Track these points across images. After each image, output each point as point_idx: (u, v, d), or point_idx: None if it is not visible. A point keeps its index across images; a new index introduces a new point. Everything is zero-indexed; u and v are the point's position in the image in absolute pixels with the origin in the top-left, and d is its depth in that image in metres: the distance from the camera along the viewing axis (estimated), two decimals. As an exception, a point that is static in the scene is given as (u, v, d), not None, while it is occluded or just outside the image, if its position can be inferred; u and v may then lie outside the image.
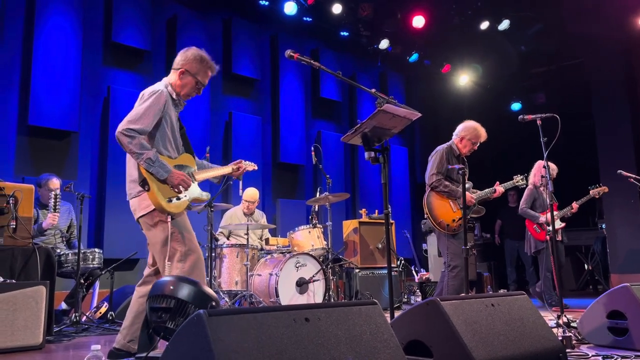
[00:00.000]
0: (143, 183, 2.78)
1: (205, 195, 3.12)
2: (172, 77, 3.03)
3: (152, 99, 2.83)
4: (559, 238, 6.05)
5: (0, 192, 3.83)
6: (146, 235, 2.92)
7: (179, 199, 2.86)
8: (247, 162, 3.42)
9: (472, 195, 4.48)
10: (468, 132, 4.54)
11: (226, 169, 3.30)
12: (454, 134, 4.63)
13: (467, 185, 4.54)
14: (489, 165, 9.16)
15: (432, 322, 2.12)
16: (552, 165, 6.12)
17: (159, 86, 2.95)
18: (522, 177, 4.82)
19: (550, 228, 5.88)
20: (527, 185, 4.99)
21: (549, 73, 9.66)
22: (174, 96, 2.99)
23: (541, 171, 6.13)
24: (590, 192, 6.09)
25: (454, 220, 4.39)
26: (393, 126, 2.85)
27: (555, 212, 5.99)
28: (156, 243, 2.84)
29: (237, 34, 7.44)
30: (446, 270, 4.36)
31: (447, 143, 4.60)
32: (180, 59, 3.03)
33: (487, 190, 4.63)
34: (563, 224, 6.04)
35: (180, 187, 2.83)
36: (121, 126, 2.73)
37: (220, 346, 1.46)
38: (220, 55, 7.39)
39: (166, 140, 2.92)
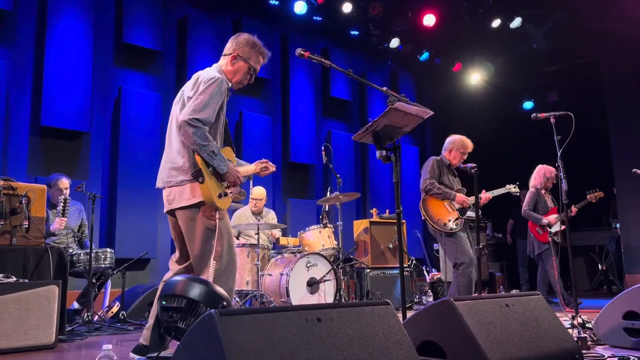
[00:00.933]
0: (197, 174, 2.64)
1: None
2: (223, 62, 2.93)
3: (215, 87, 2.70)
4: (558, 240, 6.03)
5: (13, 193, 3.85)
6: (182, 228, 2.76)
7: (226, 194, 2.75)
8: (270, 163, 3.35)
9: (468, 198, 4.65)
10: (455, 144, 4.82)
11: (254, 168, 3.21)
12: (444, 147, 4.91)
13: (461, 191, 4.78)
14: (500, 164, 9.07)
15: (446, 323, 2.09)
16: (552, 168, 6.09)
17: (214, 72, 2.82)
18: (514, 185, 5.00)
19: (551, 230, 5.91)
20: (518, 194, 5.08)
21: (561, 71, 9.56)
22: (229, 85, 2.89)
23: (545, 174, 6.14)
24: (588, 197, 6.15)
25: (450, 220, 4.55)
26: (405, 124, 2.83)
27: (555, 215, 5.96)
28: (195, 237, 2.70)
29: (247, 33, 7.43)
30: (454, 269, 4.44)
31: (438, 156, 4.90)
32: (231, 44, 2.95)
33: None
34: (563, 227, 6.00)
35: (232, 183, 2.76)
36: (186, 114, 2.61)
37: (232, 346, 1.45)
38: (231, 55, 7.39)
39: (217, 132, 2.81)
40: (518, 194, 5.10)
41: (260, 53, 2.96)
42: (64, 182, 4.93)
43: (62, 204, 4.56)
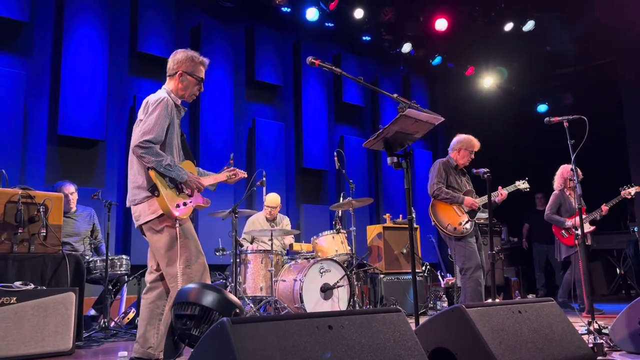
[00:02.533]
0: (153, 189, 2.84)
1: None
2: (171, 83, 3.09)
3: (160, 108, 2.89)
4: (588, 242, 5.91)
5: (31, 201, 3.93)
6: (150, 241, 2.97)
7: (185, 205, 2.91)
8: (240, 169, 3.44)
9: (477, 200, 4.61)
10: (463, 143, 4.79)
11: (221, 177, 3.33)
12: (450, 148, 4.89)
13: (469, 192, 4.75)
14: (515, 168, 9.00)
15: (457, 330, 2.09)
16: (570, 167, 5.99)
17: (162, 94, 3.00)
18: (523, 181, 4.91)
19: (578, 232, 5.78)
20: (528, 190, 4.96)
21: (576, 73, 9.47)
22: (178, 102, 3.06)
23: (562, 175, 6.03)
24: (622, 192, 5.87)
25: (460, 224, 4.52)
26: (415, 131, 2.83)
27: (584, 216, 5.86)
28: (160, 248, 2.88)
29: (260, 41, 7.50)
30: (461, 275, 4.44)
31: (444, 157, 4.87)
32: (172, 64, 3.09)
33: (491, 194, 4.67)
34: (592, 228, 5.90)
35: (195, 190, 2.96)
36: (136, 140, 2.82)
37: (244, 354, 1.47)
38: (244, 62, 7.47)
39: (173, 147, 2.99)
40: (528, 189, 4.96)
41: (201, 63, 3.12)
42: (69, 188, 5.01)
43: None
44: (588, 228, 5.83)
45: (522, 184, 4.91)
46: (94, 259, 4.80)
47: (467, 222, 4.52)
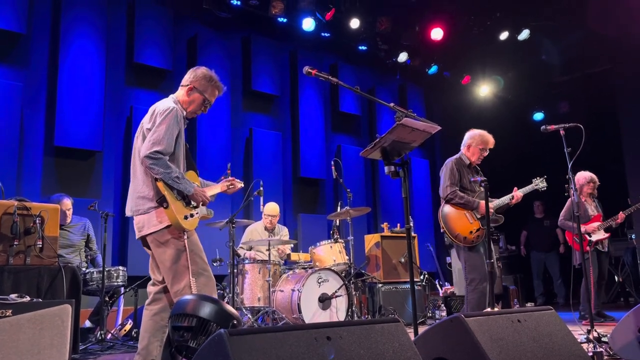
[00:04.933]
0: (162, 200, 2.80)
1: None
2: (180, 93, 3.09)
3: (170, 118, 2.86)
4: (605, 249, 5.90)
5: (27, 213, 3.90)
6: (154, 253, 2.92)
7: (192, 216, 2.89)
8: (237, 179, 3.42)
9: (490, 204, 4.30)
10: (474, 139, 4.54)
11: (221, 187, 3.32)
12: (462, 144, 4.62)
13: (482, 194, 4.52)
14: (512, 176, 9.01)
15: (457, 340, 2.07)
16: (587, 174, 5.99)
17: (170, 103, 2.98)
18: (541, 179, 4.65)
19: (591, 239, 5.77)
20: (546, 189, 4.78)
21: (572, 81, 9.52)
22: (184, 114, 3.04)
23: (577, 182, 5.97)
24: None
25: (471, 232, 4.30)
26: (412, 140, 2.84)
27: (597, 223, 5.86)
28: (165, 260, 2.84)
29: (257, 51, 7.53)
30: (466, 284, 4.30)
31: (456, 155, 4.60)
32: (189, 76, 3.10)
33: (505, 197, 4.52)
34: (607, 234, 5.89)
35: (200, 203, 2.93)
36: (145, 150, 2.78)
37: (242, 366, 1.46)
38: (240, 72, 7.49)
39: (180, 158, 2.97)
40: (545, 188, 4.69)
41: (216, 87, 3.13)
42: (66, 204, 4.99)
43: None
44: (603, 235, 5.83)
45: (541, 183, 4.63)
46: (90, 270, 4.77)
47: (477, 230, 4.28)
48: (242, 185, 3.48)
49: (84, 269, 4.85)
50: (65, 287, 3.93)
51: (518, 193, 4.49)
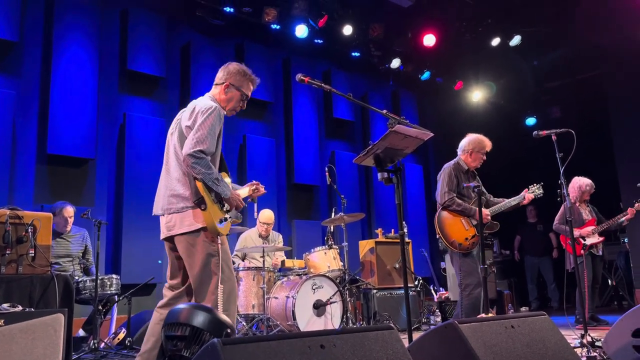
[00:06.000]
0: (200, 201, 2.72)
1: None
2: (216, 92, 3.05)
3: (214, 118, 2.82)
4: (599, 252, 5.93)
5: (19, 221, 3.88)
6: (183, 254, 2.82)
7: (226, 220, 2.83)
8: (261, 185, 3.41)
9: (487, 211, 4.39)
10: (475, 144, 4.54)
11: (247, 191, 3.26)
12: (460, 149, 4.61)
13: (486, 197, 4.54)
14: (505, 181, 9.05)
15: (451, 346, 2.08)
16: (588, 181, 6.02)
17: (210, 102, 2.92)
18: (537, 186, 4.65)
19: (586, 242, 5.80)
20: (542, 196, 4.80)
21: (564, 87, 9.60)
22: (224, 112, 3.00)
23: (580, 187, 6.00)
24: (636, 205, 5.83)
25: (466, 239, 4.32)
26: (405, 146, 2.84)
27: (591, 227, 5.88)
28: (194, 265, 2.76)
29: (250, 58, 7.54)
30: (460, 290, 4.32)
31: (453, 160, 4.59)
32: (222, 74, 3.07)
33: (515, 198, 4.51)
34: (602, 238, 5.92)
35: (234, 207, 2.87)
36: (190, 147, 2.73)
37: (235, 376, 1.45)
38: (234, 79, 7.48)
39: (217, 159, 2.94)
40: (542, 195, 4.68)
41: (250, 80, 3.09)
42: (69, 211, 4.98)
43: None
44: (597, 239, 5.86)
45: (537, 190, 4.61)
46: (83, 279, 4.73)
47: (473, 236, 4.30)
48: (265, 191, 3.43)
49: (77, 277, 4.82)
50: (57, 296, 3.90)
51: (529, 194, 4.49)
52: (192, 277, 2.79)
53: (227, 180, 3.04)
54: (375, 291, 6.24)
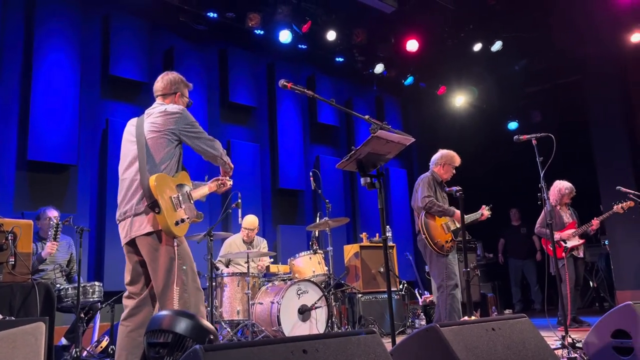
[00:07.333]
0: (153, 205, 2.76)
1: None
2: (169, 101, 3.25)
3: (192, 117, 3.12)
4: (581, 255, 6.02)
5: (-1, 229, 3.83)
6: (146, 258, 2.85)
7: (183, 221, 2.85)
8: (227, 177, 3.43)
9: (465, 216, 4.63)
10: (447, 158, 4.90)
11: (209, 187, 3.31)
12: (433, 163, 4.96)
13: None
14: (487, 185, 9.16)
15: (432, 349, 2.10)
16: (568, 184, 6.11)
17: (177, 106, 3.17)
18: (488, 207, 4.94)
19: (567, 245, 5.89)
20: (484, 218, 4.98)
21: (544, 91, 9.75)
22: None
23: (560, 191, 6.10)
24: (614, 207, 5.96)
25: (446, 242, 4.61)
26: (387, 152, 2.87)
27: (571, 230, 5.98)
28: (159, 268, 2.78)
29: (234, 63, 7.54)
30: (438, 292, 4.51)
31: (428, 172, 4.94)
32: (168, 84, 3.29)
33: (473, 214, 4.86)
34: (582, 241, 6.02)
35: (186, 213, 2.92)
36: (210, 149, 3.14)
37: (217, 382, 1.45)
38: (217, 84, 7.48)
39: (180, 159, 3.06)
40: (489, 217, 4.92)
41: (187, 86, 3.39)
42: (53, 212, 4.93)
43: (53, 229, 4.55)
44: (578, 241, 5.95)
45: (487, 211, 4.89)
46: (65, 286, 4.68)
47: (451, 240, 4.62)
48: (232, 182, 3.48)
49: (58, 285, 4.76)
50: (38, 304, 3.85)
51: (486, 212, 4.87)
52: (155, 283, 2.82)
53: (187, 179, 3.12)
54: (360, 295, 6.26)
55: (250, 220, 5.90)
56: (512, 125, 10.04)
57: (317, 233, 6.05)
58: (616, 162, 7.88)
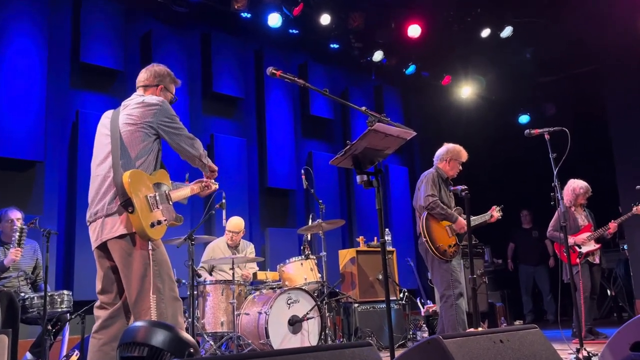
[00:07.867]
0: (127, 203, 2.75)
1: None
2: (150, 92, 3.27)
3: (173, 111, 3.15)
4: (597, 261, 6.04)
5: (-44, 232, 3.81)
6: (118, 263, 2.85)
7: (159, 222, 2.84)
8: (212, 180, 3.45)
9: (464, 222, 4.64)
10: (454, 153, 4.89)
11: (191, 189, 3.32)
12: (437, 158, 4.96)
13: (457, 211, 4.83)
14: (495, 183, 9.20)
15: (435, 363, 2.10)
16: (583, 184, 6.13)
17: (157, 97, 3.19)
18: (498, 208, 4.96)
19: (581, 250, 5.90)
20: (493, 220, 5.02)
21: (558, 82, 9.76)
22: None
23: (574, 191, 6.10)
24: (634, 209, 5.99)
25: (450, 246, 4.60)
26: (386, 146, 2.88)
27: (587, 234, 5.99)
28: (132, 274, 2.78)
29: (218, 49, 7.52)
30: (441, 302, 4.51)
31: (432, 168, 4.93)
32: (152, 76, 3.31)
33: (482, 215, 4.89)
34: (598, 246, 6.03)
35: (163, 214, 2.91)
36: (190, 146, 3.16)
37: (197, 399, 1.45)
38: (200, 72, 7.46)
39: (159, 156, 3.07)
40: (500, 218, 4.99)
41: (174, 82, 3.44)
42: (15, 213, 4.89)
43: (17, 234, 4.52)
44: (594, 246, 5.97)
45: (497, 213, 4.94)
46: (30, 295, 4.65)
47: (454, 245, 4.62)
48: (217, 186, 3.49)
49: (23, 294, 4.73)
50: (1, 315, 3.84)
51: (496, 214, 4.88)
52: (127, 291, 2.82)
53: (167, 178, 3.13)
54: (356, 305, 6.28)
55: (235, 223, 5.89)
56: (523, 118, 10.08)
57: (309, 237, 6.06)
58: (636, 159, 7.91)
